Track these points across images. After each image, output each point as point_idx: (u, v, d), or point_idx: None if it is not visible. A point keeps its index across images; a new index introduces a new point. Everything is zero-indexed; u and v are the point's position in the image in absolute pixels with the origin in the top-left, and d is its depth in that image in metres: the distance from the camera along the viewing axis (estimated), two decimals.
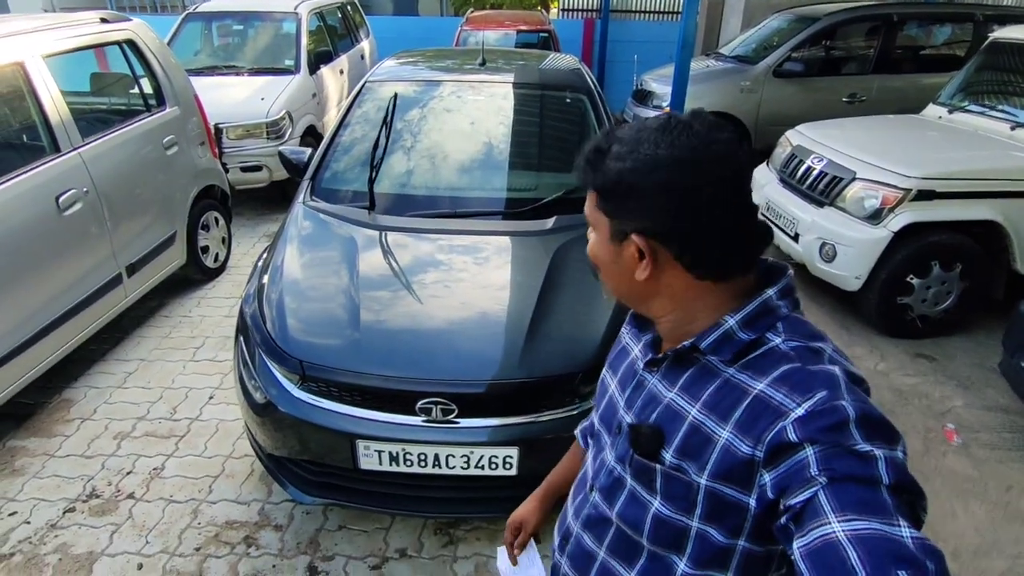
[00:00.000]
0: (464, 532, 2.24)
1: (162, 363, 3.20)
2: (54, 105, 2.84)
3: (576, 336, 1.99)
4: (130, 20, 3.58)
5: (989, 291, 3.48)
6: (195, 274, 3.94)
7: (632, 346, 0.91)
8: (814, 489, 0.61)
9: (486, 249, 2.37)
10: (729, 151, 0.71)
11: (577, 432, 1.16)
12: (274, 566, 2.10)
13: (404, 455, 1.87)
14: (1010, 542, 2.25)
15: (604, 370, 0.97)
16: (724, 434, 0.71)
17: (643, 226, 0.73)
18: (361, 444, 1.86)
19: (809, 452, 0.63)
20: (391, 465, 1.89)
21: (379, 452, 1.87)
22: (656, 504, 0.77)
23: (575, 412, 1.89)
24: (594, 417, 0.97)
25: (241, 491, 2.40)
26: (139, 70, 3.58)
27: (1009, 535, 2.28)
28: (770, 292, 0.75)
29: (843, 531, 0.58)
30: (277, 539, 2.20)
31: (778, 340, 0.73)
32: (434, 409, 1.84)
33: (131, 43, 3.49)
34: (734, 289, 0.76)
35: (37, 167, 2.71)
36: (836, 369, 0.69)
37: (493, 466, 1.87)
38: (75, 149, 2.92)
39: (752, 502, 0.69)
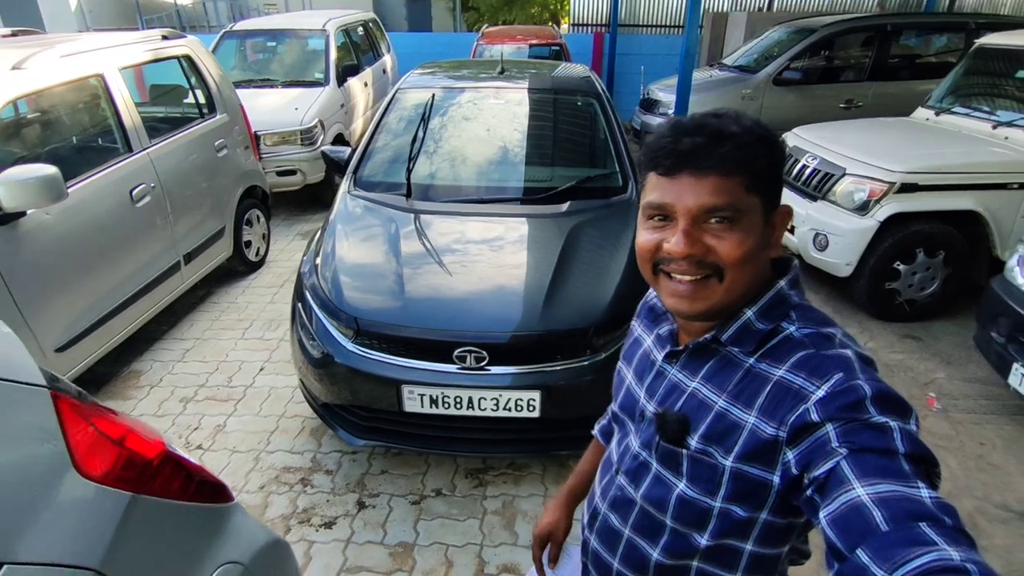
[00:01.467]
0: (492, 476, 2.55)
1: (215, 341, 3.56)
2: (127, 111, 3.24)
3: (588, 297, 2.31)
4: (185, 36, 4.00)
5: (973, 277, 3.75)
6: (239, 266, 4.31)
7: (644, 338, 0.96)
8: (836, 460, 0.64)
9: (510, 228, 2.71)
10: None
11: (595, 432, 1.20)
12: (328, 500, 2.42)
13: (443, 398, 2.19)
14: (979, 486, 2.52)
15: (619, 362, 1.02)
16: (750, 419, 0.75)
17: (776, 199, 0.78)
18: (406, 389, 2.19)
19: (830, 429, 0.67)
20: (431, 407, 2.21)
21: (421, 396, 2.20)
22: (681, 486, 0.82)
23: (587, 362, 2.21)
24: (614, 406, 1.01)
25: (295, 443, 2.73)
26: (193, 81, 3.99)
27: (979, 481, 2.55)
28: (782, 283, 0.80)
29: (867, 494, 0.61)
30: (329, 481, 2.52)
31: (792, 328, 0.77)
32: (468, 357, 2.16)
33: (187, 57, 3.90)
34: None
35: (115, 164, 3.10)
36: (848, 352, 0.73)
37: (519, 408, 2.19)
38: (144, 149, 3.31)
39: (776, 479, 0.73)
